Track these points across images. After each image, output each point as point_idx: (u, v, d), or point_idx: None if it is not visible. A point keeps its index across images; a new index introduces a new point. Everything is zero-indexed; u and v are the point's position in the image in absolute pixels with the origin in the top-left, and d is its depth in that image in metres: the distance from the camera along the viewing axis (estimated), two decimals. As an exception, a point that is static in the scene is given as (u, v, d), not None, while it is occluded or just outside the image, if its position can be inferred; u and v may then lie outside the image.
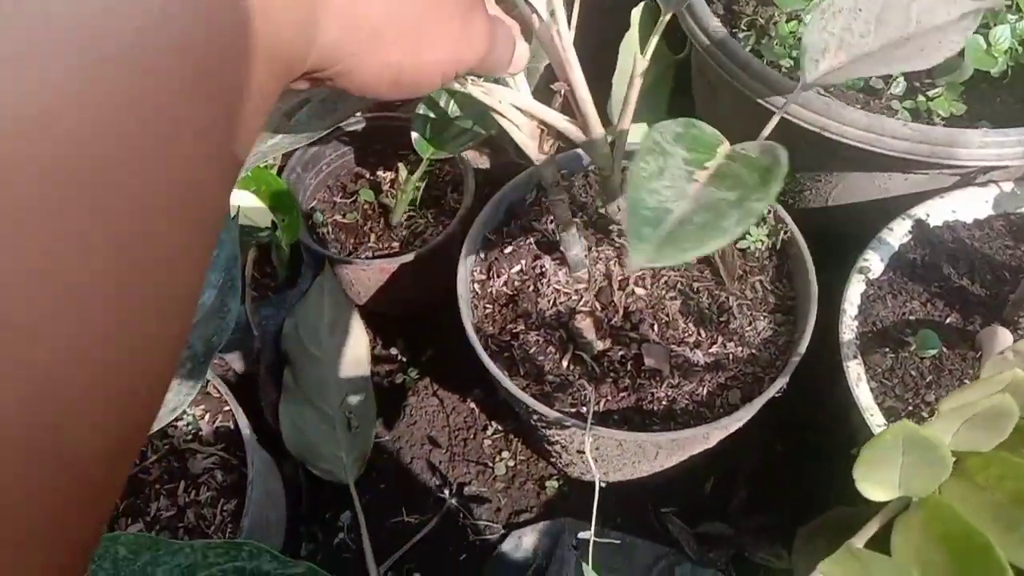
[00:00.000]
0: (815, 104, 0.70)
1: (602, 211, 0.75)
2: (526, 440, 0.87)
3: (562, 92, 0.58)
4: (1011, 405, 0.37)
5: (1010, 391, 0.38)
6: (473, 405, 0.89)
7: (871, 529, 0.39)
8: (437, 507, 0.83)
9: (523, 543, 0.80)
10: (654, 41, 0.64)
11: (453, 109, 0.89)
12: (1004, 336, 0.62)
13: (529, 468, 0.85)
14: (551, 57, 0.56)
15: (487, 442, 0.87)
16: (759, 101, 0.73)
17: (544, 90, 0.64)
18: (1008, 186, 0.74)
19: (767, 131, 0.61)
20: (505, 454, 0.86)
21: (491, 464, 0.86)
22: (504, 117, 0.57)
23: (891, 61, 0.61)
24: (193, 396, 0.57)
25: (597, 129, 0.58)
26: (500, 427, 0.87)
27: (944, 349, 0.67)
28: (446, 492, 0.84)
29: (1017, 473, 0.39)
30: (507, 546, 0.80)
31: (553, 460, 0.84)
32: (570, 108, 0.59)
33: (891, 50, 0.60)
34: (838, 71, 0.60)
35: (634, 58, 0.56)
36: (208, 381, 0.77)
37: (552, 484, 0.84)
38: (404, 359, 0.93)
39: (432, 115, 0.88)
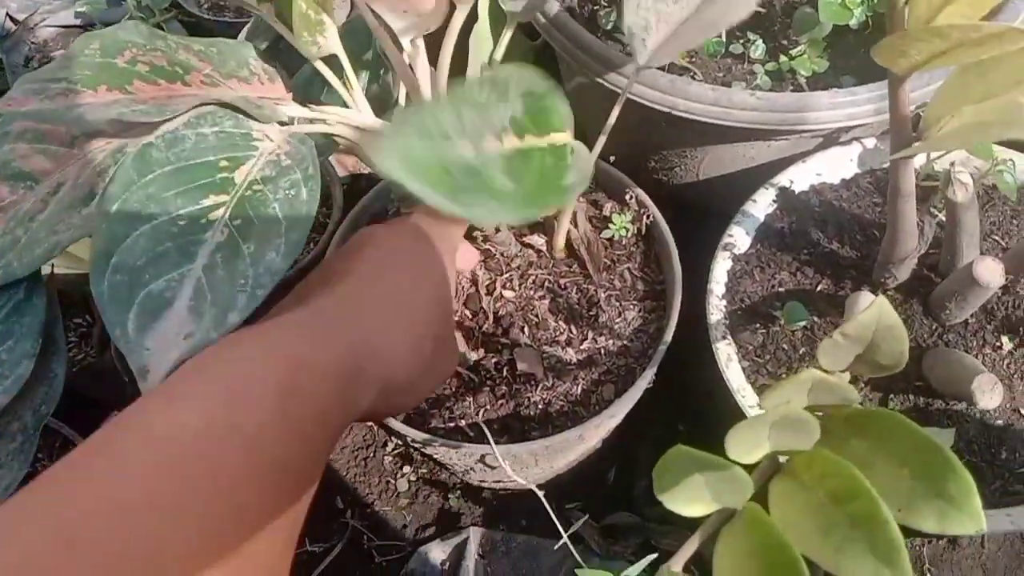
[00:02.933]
0: (660, 83, 0.68)
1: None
2: (424, 452, 0.85)
3: None
4: (804, 417, 0.36)
5: (814, 392, 0.37)
6: (371, 423, 0.87)
7: (690, 548, 0.38)
8: (341, 531, 0.81)
9: (430, 558, 0.79)
10: (507, 36, 0.62)
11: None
12: (866, 301, 0.61)
13: (432, 480, 0.83)
14: (404, 82, 0.54)
15: (387, 459, 0.85)
16: (604, 83, 0.71)
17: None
18: (871, 142, 0.73)
19: (615, 114, 0.59)
20: (407, 468, 0.84)
21: (393, 480, 0.84)
22: (345, 139, 0.55)
23: (708, 24, 0.59)
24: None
25: None
26: (400, 442, 0.85)
27: (815, 319, 0.66)
28: (349, 514, 0.82)
29: (836, 470, 0.38)
30: (414, 563, 0.78)
31: (453, 471, 0.82)
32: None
33: (704, 11, 0.58)
34: (666, 46, 0.58)
35: (480, 67, 0.54)
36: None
37: (455, 495, 0.82)
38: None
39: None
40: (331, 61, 0.54)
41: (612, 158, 0.80)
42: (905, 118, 0.49)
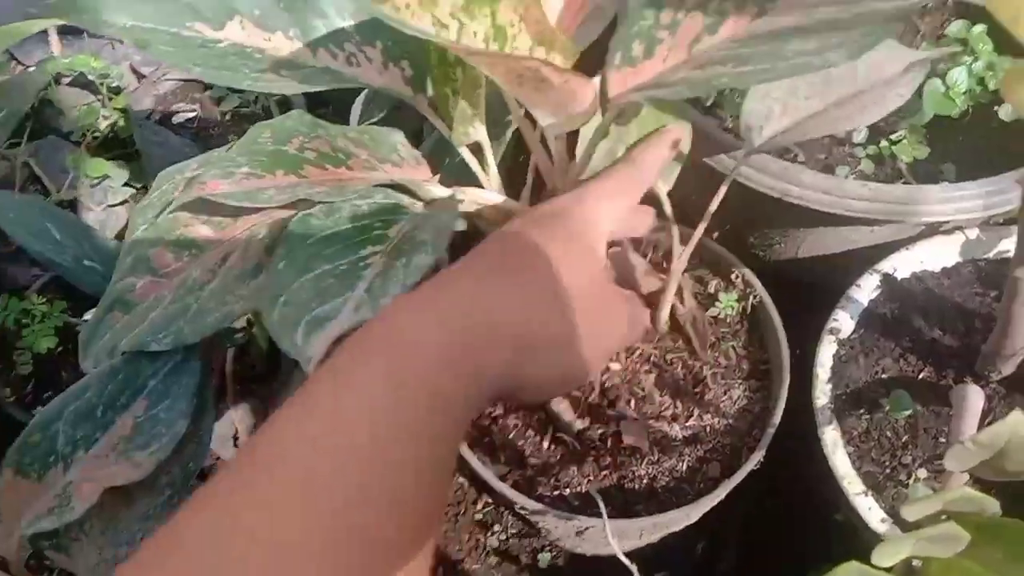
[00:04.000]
0: (772, 168, 0.71)
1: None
2: (517, 513, 0.87)
3: None
4: (956, 532, 0.37)
5: (955, 505, 0.39)
6: (463, 479, 0.89)
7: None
8: (433, 585, 0.84)
9: (520, 617, 0.81)
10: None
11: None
12: (974, 396, 0.62)
13: (521, 541, 0.85)
14: (544, 173, 0.57)
15: (478, 516, 0.87)
16: (712, 165, 0.73)
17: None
18: (974, 232, 0.75)
19: (720, 195, 0.62)
20: (496, 527, 0.86)
21: (483, 538, 0.86)
22: (477, 217, 0.58)
23: (835, 121, 0.62)
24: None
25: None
26: (491, 500, 0.88)
27: (918, 407, 0.67)
28: (440, 571, 0.85)
29: (975, 580, 0.39)
30: (504, 622, 0.80)
31: (545, 534, 0.84)
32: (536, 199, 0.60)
33: (836, 109, 0.60)
34: (783, 135, 0.60)
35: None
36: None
37: (545, 556, 0.84)
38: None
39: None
40: (473, 147, 0.57)
41: (715, 234, 0.82)
42: (1034, 232, 0.51)
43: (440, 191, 0.56)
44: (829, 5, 0.41)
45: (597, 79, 0.46)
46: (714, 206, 0.61)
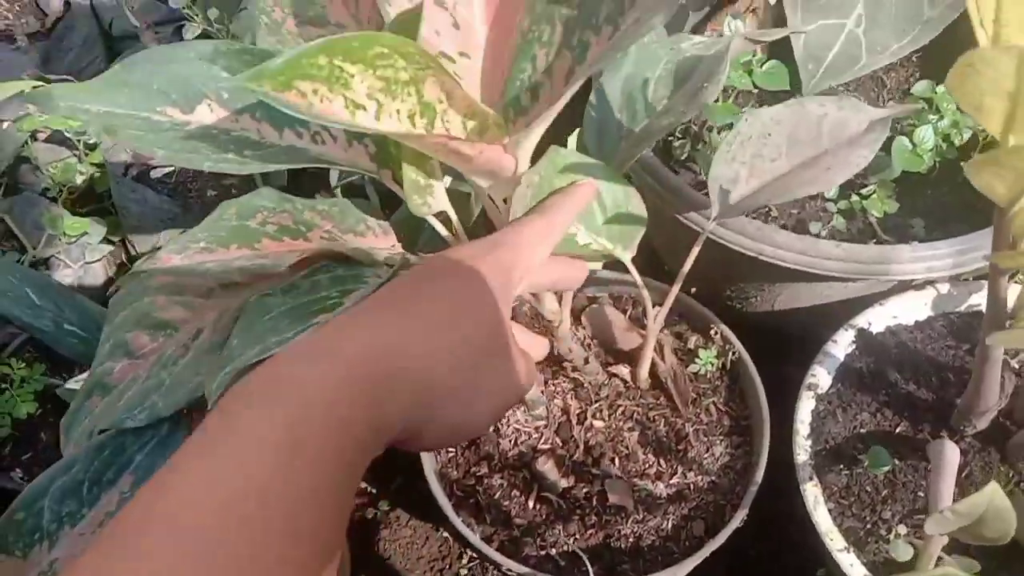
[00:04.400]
0: (746, 228, 0.72)
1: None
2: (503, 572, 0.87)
3: None
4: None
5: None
6: (446, 534, 0.89)
7: None
8: (418, 643, 0.83)
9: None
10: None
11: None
12: (950, 452, 0.64)
13: (507, 595, 0.85)
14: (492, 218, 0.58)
15: (463, 572, 0.87)
16: (686, 223, 0.75)
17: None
18: (945, 287, 0.76)
19: (693, 256, 0.63)
20: (482, 582, 0.86)
21: (469, 593, 0.86)
22: None
23: (802, 184, 0.63)
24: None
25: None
26: (475, 555, 0.88)
27: (896, 462, 0.68)
28: (426, 627, 0.84)
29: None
30: None
31: (529, 589, 0.84)
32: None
33: (801, 171, 0.61)
34: (749, 198, 0.61)
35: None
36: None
37: (530, 611, 0.84)
38: (373, 491, 0.93)
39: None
40: (440, 216, 0.58)
41: (693, 289, 0.84)
42: (1003, 301, 0.52)
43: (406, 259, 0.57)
44: None
45: (528, 143, 0.49)
46: (687, 266, 0.62)
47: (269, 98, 0.37)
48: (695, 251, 0.62)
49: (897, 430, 0.71)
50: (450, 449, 0.74)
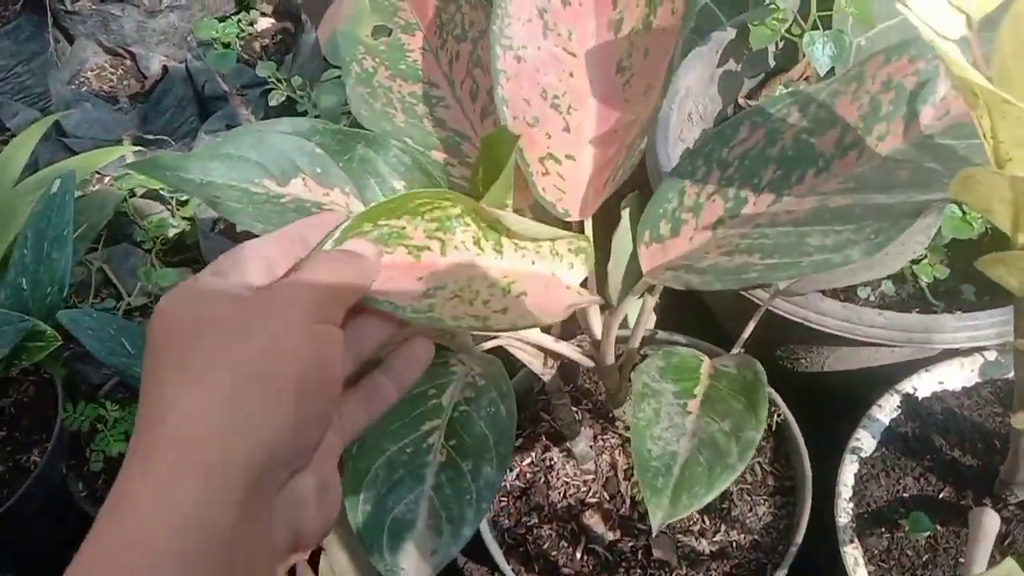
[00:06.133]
0: (795, 298, 0.75)
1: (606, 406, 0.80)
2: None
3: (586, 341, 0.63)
4: None
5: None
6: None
7: None
8: None
9: None
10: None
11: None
12: (989, 521, 0.65)
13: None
14: (578, 315, 0.62)
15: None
16: (744, 295, 0.78)
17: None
18: (992, 355, 0.78)
19: (751, 326, 0.66)
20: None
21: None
22: (513, 348, 0.62)
23: (862, 268, 0.66)
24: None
25: (609, 360, 0.63)
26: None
27: (938, 527, 0.70)
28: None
29: None
30: None
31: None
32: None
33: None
34: (808, 281, 0.65)
35: (643, 298, 0.60)
36: None
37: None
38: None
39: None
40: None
41: (742, 350, 0.86)
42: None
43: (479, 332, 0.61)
44: (842, 194, 0.46)
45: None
46: (746, 334, 0.66)
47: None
48: (752, 324, 0.66)
49: (940, 495, 0.72)
50: (502, 498, 0.78)
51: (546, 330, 0.63)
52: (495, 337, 0.59)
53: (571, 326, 0.63)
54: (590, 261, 0.52)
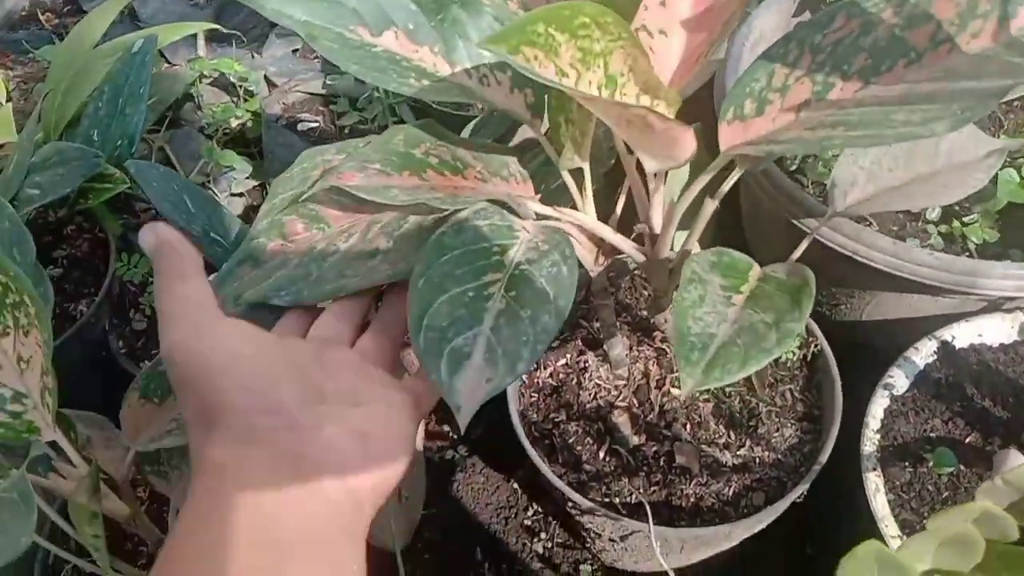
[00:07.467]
0: (846, 229, 0.76)
1: (646, 315, 0.82)
2: (563, 524, 0.92)
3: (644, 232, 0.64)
4: (975, 535, 0.42)
5: (978, 522, 0.43)
6: (516, 485, 0.94)
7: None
8: (477, 581, 0.89)
9: (554, 622, 0.85)
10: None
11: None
12: (1016, 459, 0.66)
13: (564, 551, 0.90)
14: (638, 205, 0.63)
15: (527, 522, 0.92)
16: (793, 222, 0.79)
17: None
18: (1034, 314, 0.78)
19: (799, 251, 0.67)
20: (543, 535, 0.91)
21: (529, 543, 0.91)
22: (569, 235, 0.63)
23: (916, 195, 0.67)
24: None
25: (664, 252, 0.63)
26: (540, 509, 0.93)
27: (962, 467, 0.70)
28: (486, 567, 0.90)
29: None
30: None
31: (588, 545, 0.88)
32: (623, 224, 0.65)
33: (917, 184, 0.66)
34: (865, 203, 0.66)
35: (704, 201, 0.61)
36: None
37: (585, 568, 0.88)
38: (455, 436, 1.00)
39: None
40: (574, 172, 0.64)
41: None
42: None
43: (542, 210, 0.62)
44: (931, 82, 0.46)
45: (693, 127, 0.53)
46: (792, 260, 0.67)
47: (506, 59, 0.43)
48: (802, 246, 0.66)
49: (967, 439, 0.73)
50: (532, 393, 0.80)
51: (603, 219, 0.64)
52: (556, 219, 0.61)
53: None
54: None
